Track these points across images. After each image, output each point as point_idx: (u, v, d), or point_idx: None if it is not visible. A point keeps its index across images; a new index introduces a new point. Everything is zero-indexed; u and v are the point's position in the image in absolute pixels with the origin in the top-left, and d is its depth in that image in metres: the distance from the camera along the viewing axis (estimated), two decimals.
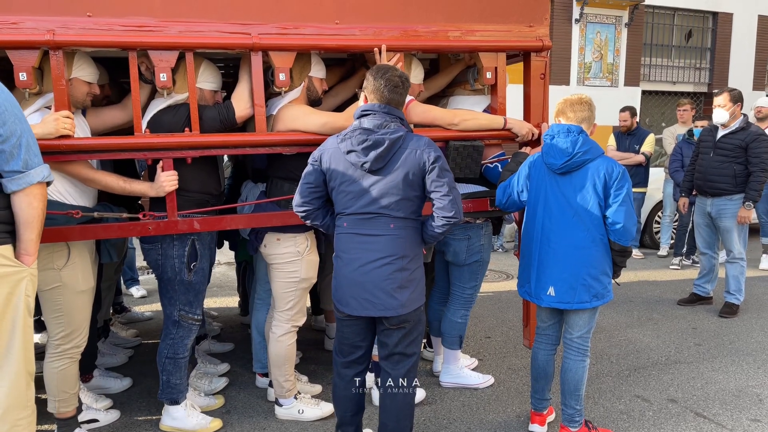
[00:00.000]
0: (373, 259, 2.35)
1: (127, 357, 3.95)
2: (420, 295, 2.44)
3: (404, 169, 2.32)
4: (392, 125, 2.33)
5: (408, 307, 2.38)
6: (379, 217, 2.35)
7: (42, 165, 2.05)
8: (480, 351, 4.12)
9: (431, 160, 2.32)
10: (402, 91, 2.38)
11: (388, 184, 2.33)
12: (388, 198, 2.33)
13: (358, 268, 2.37)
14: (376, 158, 2.30)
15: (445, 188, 2.33)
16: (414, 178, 2.33)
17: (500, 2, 3.03)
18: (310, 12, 2.74)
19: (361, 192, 2.36)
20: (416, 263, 2.43)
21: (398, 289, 2.35)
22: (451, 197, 2.34)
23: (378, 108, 2.35)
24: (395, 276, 2.35)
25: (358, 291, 2.38)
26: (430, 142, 2.38)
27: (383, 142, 2.29)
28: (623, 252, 2.65)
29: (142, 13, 2.53)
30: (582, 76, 10.34)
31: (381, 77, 2.35)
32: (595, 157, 2.62)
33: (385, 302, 2.35)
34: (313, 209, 2.49)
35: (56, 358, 2.67)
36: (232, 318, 4.91)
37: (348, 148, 2.34)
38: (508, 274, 6.46)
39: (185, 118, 2.67)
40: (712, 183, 4.80)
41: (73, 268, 2.62)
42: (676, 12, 11.06)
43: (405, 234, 2.38)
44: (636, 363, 3.89)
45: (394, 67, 2.42)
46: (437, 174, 2.32)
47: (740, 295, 4.92)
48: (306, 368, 3.72)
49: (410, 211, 2.39)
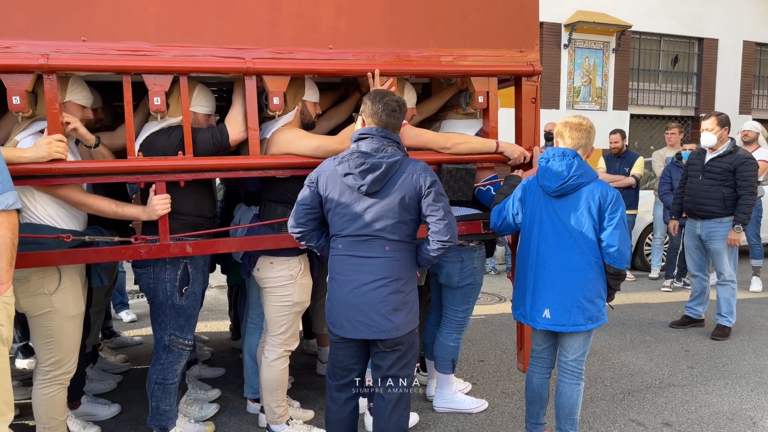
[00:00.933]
0: (368, 281, 2.37)
1: (116, 383, 3.88)
2: (414, 318, 2.45)
3: (401, 193, 2.35)
4: (389, 149, 2.36)
5: (402, 330, 2.39)
6: (374, 239, 2.37)
7: (7, 192, 2.00)
8: (473, 375, 4.09)
9: (427, 185, 2.36)
10: (399, 115, 2.42)
11: (384, 207, 2.36)
12: (384, 221, 2.36)
13: (353, 290, 2.38)
14: (373, 181, 2.33)
15: (441, 212, 2.36)
16: (410, 202, 2.37)
17: (491, 28, 3.08)
18: (303, 37, 2.77)
19: (357, 214, 2.38)
20: (410, 286, 2.45)
21: (393, 312, 2.36)
22: (447, 221, 2.37)
23: (375, 132, 2.39)
24: (390, 298, 2.36)
25: (353, 313, 2.38)
26: (426, 167, 2.42)
27: (380, 166, 2.32)
28: (618, 275, 2.66)
29: (137, 37, 2.55)
30: (571, 100, 10.47)
31: (379, 101, 2.39)
32: (590, 180, 2.65)
33: (379, 324, 2.36)
34: (308, 230, 2.50)
35: (45, 385, 2.62)
36: (224, 342, 4.85)
37: (345, 170, 2.37)
38: (501, 296, 6.44)
39: (178, 141, 2.67)
40: (701, 206, 4.84)
41: (65, 293, 2.59)
42: (662, 38, 11.27)
43: (400, 256, 2.40)
44: (630, 386, 3.87)
45: (392, 92, 2.46)
46: (433, 198, 2.36)
47: (732, 317, 4.93)
48: (298, 393, 3.67)
49: (405, 234, 2.41)
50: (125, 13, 2.53)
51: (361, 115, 2.46)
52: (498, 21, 3.08)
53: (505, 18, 3.10)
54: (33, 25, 2.42)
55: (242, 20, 2.68)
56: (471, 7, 3.03)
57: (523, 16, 3.13)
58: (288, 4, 2.74)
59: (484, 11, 3.06)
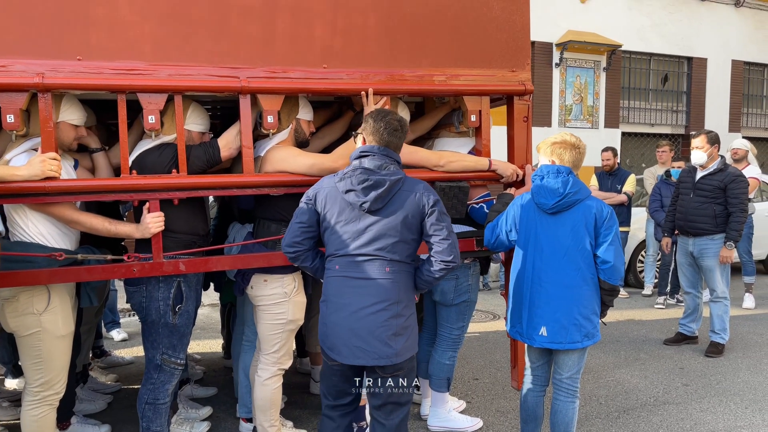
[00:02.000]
0: (367, 304, 2.28)
1: (106, 403, 3.83)
2: (414, 343, 2.39)
3: (404, 212, 2.31)
4: (391, 167, 2.34)
5: (402, 356, 2.31)
6: (374, 259, 2.31)
7: None
8: (468, 393, 4.06)
9: (431, 204, 2.33)
10: (401, 134, 2.41)
11: (386, 226, 2.30)
12: (385, 239, 2.30)
13: (351, 314, 2.30)
14: (376, 198, 2.29)
15: (445, 232, 2.32)
16: (413, 221, 2.32)
17: (484, 48, 3.12)
18: (298, 56, 2.80)
19: (358, 232, 2.32)
20: (410, 309, 2.38)
21: (393, 337, 2.28)
22: (450, 241, 2.33)
23: (377, 150, 2.36)
24: (390, 323, 2.28)
25: (351, 338, 2.29)
26: (427, 186, 2.40)
27: (384, 183, 2.29)
28: (612, 291, 2.67)
29: (132, 56, 2.56)
30: (563, 118, 10.56)
31: (381, 120, 2.38)
32: (585, 197, 2.67)
33: (379, 350, 2.27)
34: (303, 250, 2.43)
35: (35, 406, 2.59)
36: (216, 361, 4.81)
37: (347, 187, 2.32)
38: (495, 314, 6.43)
39: (170, 158, 2.67)
40: (692, 223, 4.87)
41: (54, 313, 2.56)
42: (652, 57, 11.42)
43: (400, 278, 2.33)
44: (625, 404, 3.86)
45: (394, 111, 2.46)
46: (437, 218, 2.32)
47: (725, 334, 4.94)
48: (291, 413, 3.63)
49: (405, 255, 2.36)
50: (120, 33, 2.54)
51: (362, 133, 2.44)
52: (490, 41, 3.13)
53: (497, 38, 3.14)
54: (28, 43, 2.44)
55: (237, 40, 2.70)
56: (463, 27, 3.07)
57: (515, 36, 3.18)
58: (282, 24, 2.76)
59: (477, 31, 3.10)
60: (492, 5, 3.12)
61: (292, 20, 2.77)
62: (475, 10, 3.09)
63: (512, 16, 3.17)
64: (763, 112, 12.82)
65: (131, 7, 2.55)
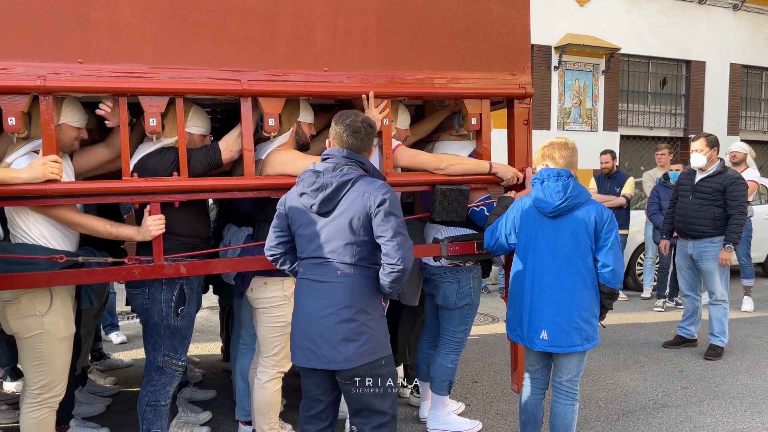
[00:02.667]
0: (319, 307, 2.28)
1: (105, 406, 3.83)
2: (372, 349, 2.28)
3: (350, 213, 2.27)
4: (346, 168, 2.31)
5: (354, 362, 2.24)
6: (327, 262, 2.30)
7: None
8: (467, 396, 4.06)
9: (377, 203, 2.24)
10: (364, 136, 2.37)
11: (334, 228, 2.29)
12: (334, 242, 2.28)
13: (306, 316, 2.31)
14: (323, 201, 2.28)
15: (390, 232, 2.23)
16: (360, 222, 2.26)
17: (484, 51, 3.13)
18: (299, 59, 2.80)
19: (312, 236, 2.33)
20: (367, 315, 2.29)
21: (342, 342, 2.24)
22: (396, 242, 2.22)
23: (336, 152, 2.35)
24: (339, 327, 2.24)
25: (304, 340, 2.30)
26: (383, 185, 2.30)
27: (330, 184, 2.28)
28: (612, 294, 2.68)
29: (134, 59, 2.57)
30: (562, 121, 10.57)
31: (341, 123, 2.37)
32: (585, 201, 2.67)
33: (328, 355, 2.25)
34: (280, 254, 2.48)
35: (34, 408, 2.58)
36: (215, 364, 4.80)
37: (300, 190, 2.36)
38: (494, 317, 6.44)
39: (171, 161, 2.67)
40: (692, 226, 4.88)
41: (56, 315, 2.56)
42: (650, 60, 11.44)
43: (353, 282, 2.28)
44: (624, 407, 3.86)
45: (358, 112, 2.45)
46: (382, 218, 2.24)
47: (724, 337, 4.94)
48: (290, 416, 3.63)
49: (359, 257, 2.29)
50: (122, 35, 2.55)
51: (329, 137, 2.44)
52: (491, 44, 3.13)
53: (498, 41, 3.15)
54: (30, 46, 2.44)
55: (238, 43, 2.71)
56: (464, 30, 3.08)
57: (515, 39, 3.19)
58: (283, 27, 2.77)
59: (477, 35, 3.11)
60: (492, 9, 3.13)
61: (293, 23, 2.78)
62: (475, 13, 3.10)
63: (512, 19, 3.18)
64: (761, 115, 12.85)
65: (132, 9, 2.55)
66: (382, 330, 2.36)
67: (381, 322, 2.37)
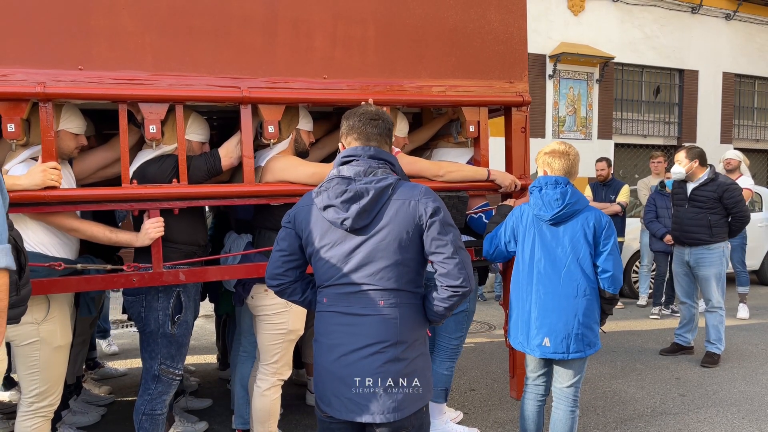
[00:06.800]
0: (358, 346, 1.85)
1: (100, 415, 3.79)
2: (423, 394, 1.91)
3: (396, 227, 1.85)
4: (379, 171, 1.89)
5: (405, 410, 1.85)
6: (365, 291, 1.86)
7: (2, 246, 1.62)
8: (465, 404, 4.05)
9: (429, 213, 1.86)
10: (382, 124, 1.97)
11: (375, 246, 1.85)
12: (375, 264, 1.85)
13: (340, 357, 1.86)
14: (359, 213, 1.84)
15: (450, 248, 1.85)
16: (409, 237, 1.86)
17: (482, 59, 3.15)
18: (298, 67, 2.81)
19: (343, 258, 1.88)
20: (416, 351, 1.90)
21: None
22: (458, 260, 1.86)
23: (362, 151, 1.92)
24: (387, 369, 1.83)
25: (340, 388, 1.86)
26: (428, 191, 1.92)
27: (367, 193, 1.84)
28: (611, 300, 2.69)
29: (134, 66, 2.57)
30: (557, 130, 10.63)
31: (353, 116, 1.98)
32: (583, 207, 2.69)
33: (373, 404, 1.83)
34: (288, 282, 2.02)
35: (29, 417, 2.55)
36: (211, 373, 4.77)
37: (325, 202, 1.89)
38: (491, 324, 6.43)
39: (170, 168, 2.67)
40: (688, 233, 4.91)
41: (53, 323, 2.54)
42: (644, 69, 11.54)
43: (400, 313, 1.87)
44: (622, 415, 3.86)
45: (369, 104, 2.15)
46: (438, 230, 1.86)
47: (721, 344, 4.96)
48: (288, 424, 3.61)
49: (406, 281, 1.89)
50: (122, 42, 2.55)
51: (341, 140, 2.05)
52: (488, 53, 3.16)
53: (495, 50, 3.18)
54: (30, 53, 2.44)
55: (238, 50, 2.72)
56: (462, 39, 3.10)
57: (513, 48, 3.22)
58: (283, 35, 2.78)
59: (475, 43, 3.13)
60: (490, 18, 3.16)
61: (292, 31, 2.80)
62: (473, 22, 3.13)
63: (510, 28, 3.21)
64: (754, 124, 12.96)
65: (132, 17, 2.56)
66: (429, 368, 1.97)
67: (427, 359, 1.98)
